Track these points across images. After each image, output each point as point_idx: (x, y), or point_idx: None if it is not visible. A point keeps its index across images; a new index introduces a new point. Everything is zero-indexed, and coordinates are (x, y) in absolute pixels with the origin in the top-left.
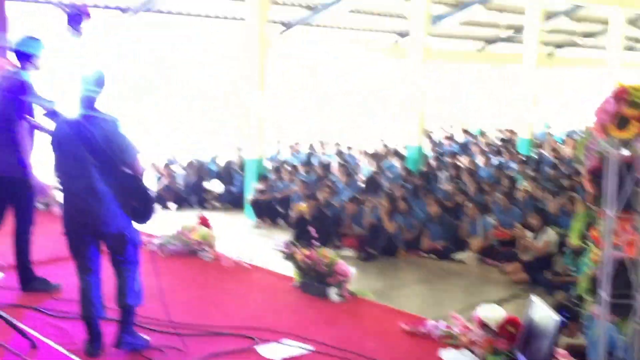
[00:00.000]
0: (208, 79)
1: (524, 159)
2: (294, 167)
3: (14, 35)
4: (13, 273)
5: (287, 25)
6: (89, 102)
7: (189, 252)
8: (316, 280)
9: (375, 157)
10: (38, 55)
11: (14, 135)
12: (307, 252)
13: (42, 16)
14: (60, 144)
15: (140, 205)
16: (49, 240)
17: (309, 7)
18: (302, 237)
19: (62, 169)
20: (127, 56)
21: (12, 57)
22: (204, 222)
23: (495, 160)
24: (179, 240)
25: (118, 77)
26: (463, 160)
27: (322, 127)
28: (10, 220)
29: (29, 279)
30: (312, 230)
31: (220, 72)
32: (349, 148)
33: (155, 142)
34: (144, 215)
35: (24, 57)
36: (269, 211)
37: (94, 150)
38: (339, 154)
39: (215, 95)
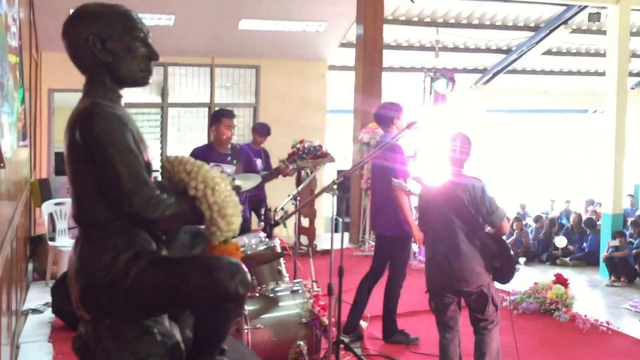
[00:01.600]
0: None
1: None
2: None
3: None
4: (377, 323)
5: None
6: (456, 165)
7: (543, 311)
8: None
9: None
10: (399, 118)
11: (394, 197)
12: None
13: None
14: (427, 205)
15: (503, 265)
16: (410, 293)
17: None
18: None
19: (428, 229)
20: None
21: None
22: (561, 280)
23: None
24: (534, 298)
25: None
26: None
27: None
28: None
29: (391, 331)
30: None
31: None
32: None
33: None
34: (506, 276)
35: (386, 120)
36: (625, 269)
37: (460, 212)
38: None
39: (570, 147)
